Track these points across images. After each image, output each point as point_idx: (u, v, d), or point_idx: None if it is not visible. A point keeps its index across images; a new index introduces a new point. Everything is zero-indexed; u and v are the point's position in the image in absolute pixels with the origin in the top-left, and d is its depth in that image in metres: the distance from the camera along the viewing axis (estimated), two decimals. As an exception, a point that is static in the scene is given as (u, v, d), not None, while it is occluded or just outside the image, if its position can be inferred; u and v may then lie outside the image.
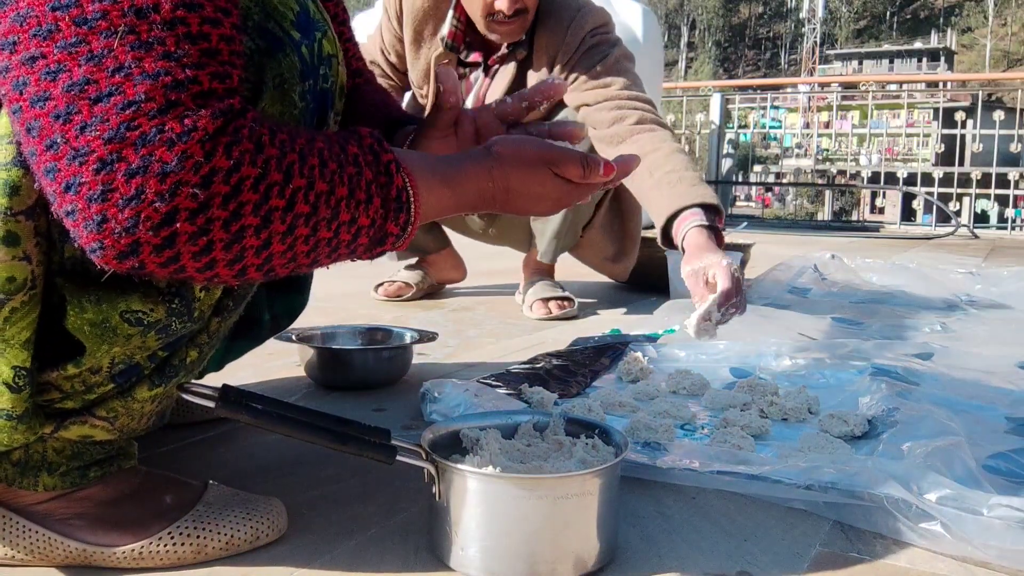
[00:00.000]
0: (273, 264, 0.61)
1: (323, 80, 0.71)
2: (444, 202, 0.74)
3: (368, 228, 0.66)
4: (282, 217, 0.59)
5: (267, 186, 0.58)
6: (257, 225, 0.58)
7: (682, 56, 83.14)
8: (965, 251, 3.77)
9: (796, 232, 5.16)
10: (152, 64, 0.54)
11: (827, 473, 0.89)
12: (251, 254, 0.59)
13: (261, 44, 0.65)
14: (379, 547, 0.79)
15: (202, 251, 0.56)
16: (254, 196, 0.57)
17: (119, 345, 0.65)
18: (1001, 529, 0.77)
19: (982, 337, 1.72)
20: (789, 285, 2.34)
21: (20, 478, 0.72)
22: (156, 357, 0.70)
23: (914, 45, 68.58)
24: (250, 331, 1.01)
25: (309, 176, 0.60)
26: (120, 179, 0.53)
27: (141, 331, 0.65)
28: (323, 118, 0.73)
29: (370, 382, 1.36)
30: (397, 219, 0.68)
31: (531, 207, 0.80)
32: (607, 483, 0.74)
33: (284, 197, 0.59)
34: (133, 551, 0.73)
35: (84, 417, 0.69)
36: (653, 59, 4.75)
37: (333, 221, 0.62)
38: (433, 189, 0.72)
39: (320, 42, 0.70)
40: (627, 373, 1.37)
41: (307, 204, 0.60)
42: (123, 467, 0.76)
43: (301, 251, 0.62)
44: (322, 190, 0.61)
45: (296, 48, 0.67)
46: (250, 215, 0.57)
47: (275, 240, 0.59)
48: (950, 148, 6.70)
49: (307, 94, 0.69)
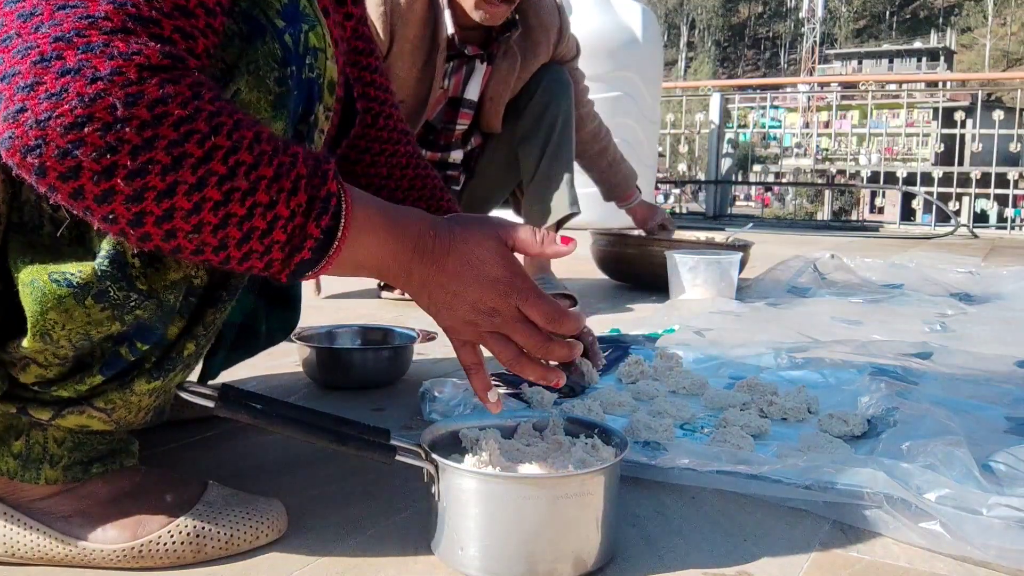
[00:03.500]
0: (176, 224, 0.58)
1: (308, 69, 0.70)
2: (379, 238, 0.70)
3: (287, 222, 0.62)
4: (194, 167, 0.57)
5: (188, 131, 0.57)
6: (166, 164, 0.56)
7: (681, 56, 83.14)
8: (965, 251, 3.77)
9: (796, 232, 5.16)
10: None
11: (827, 473, 0.89)
12: (152, 197, 0.57)
13: (243, 28, 0.66)
14: (379, 547, 0.79)
15: (104, 172, 0.55)
16: (172, 134, 0.56)
17: (55, 311, 0.64)
18: (1000, 528, 0.77)
19: (982, 337, 1.72)
20: (789, 285, 2.34)
21: (22, 471, 0.72)
22: (137, 349, 0.68)
23: (914, 45, 68.61)
24: (247, 342, 1.03)
25: (236, 142, 0.59)
26: (51, 75, 0.53)
27: (73, 294, 0.64)
28: (309, 109, 0.72)
29: (370, 382, 1.36)
30: (320, 221, 0.64)
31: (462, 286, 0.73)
32: (607, 483, 0.74)
33: (202, 148, 0.57)
34: (133, 549, 0.73)
35: (82, 407, 0.69)
36: (652, 59, 4.75)
37: (248, 197, 0.60)
38: (370, 217, 0.69)
39: (306, 34, 0.70)
40: (627, 375, 1.37)
41: (224, 165, 0.58)
42: (125, 465, 0.76)
43: (208, 220, 0.59)
44: (245, 160, 0.59)
45: (278, 36, 0.67)
46: (162, 151, 0.56)
47: (180, 191, 0.57)
48: (950, 148, 6.71)
49: (288, 80, 0.68)
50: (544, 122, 2.04)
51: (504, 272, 0.73)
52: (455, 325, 0.76)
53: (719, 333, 1.67)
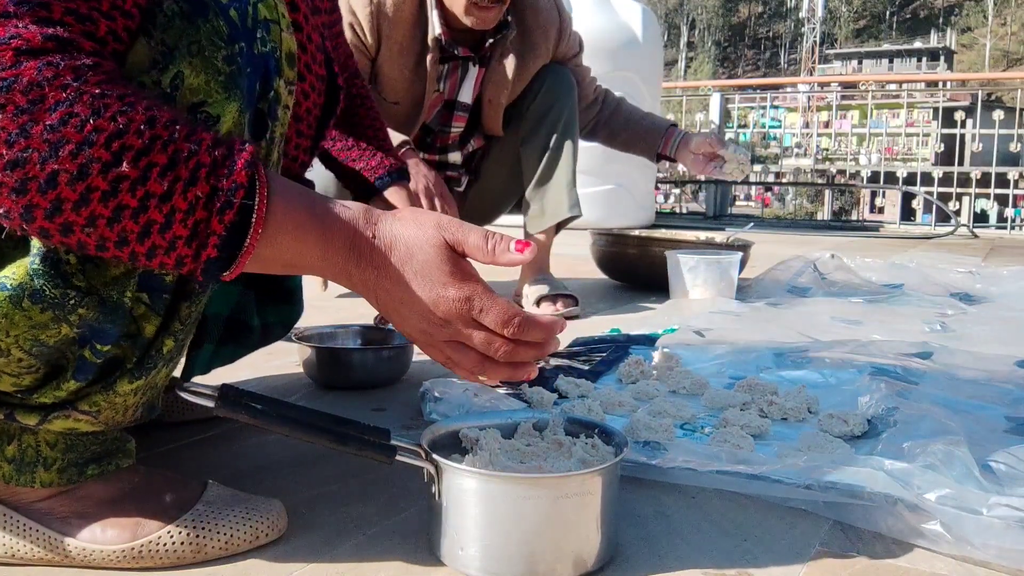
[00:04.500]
0: (68, 217, 0.56)
1: (260, 44, 0.67)
2: (305, 238, 0.64)
3: (185, 215, 0.58)
4: (73, 153, 0.54)
5: (67, 114, 0.54)
6: (44, 153, 0.54)
7: (682, 56, 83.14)
8: (965, 251, 3.77)
9: (796, 232, 5.16)
10: None
11: (827, 473, 0.89)
12: (35, 188, 0.54)
13: (184, 7, 0.63)
14: (379, 547, 0.79)
15: None
16: (48, 118, 0.54)
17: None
18: (1000, 528, 0.77)
19: (982, 337, 1.72)
20: (789, 284, 2.34)
21: (17, 475, 0.72)
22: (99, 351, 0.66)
23: (914, 45, 68.60)
24: (239, 335, 1.00)
25: (122, 126, 0.55)
26: None
27: (9, 298, 0.61)
28: (267, 85, 0.68)
29: (370, 382, 1.36)
30: (223, 216, 0.59)
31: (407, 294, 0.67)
32: (607, 483, 0.74)
33: (81, 132, 0.54)
34: (132, 550, 0.73)
35: (67, 411, 0.68)
36: (652, 59, 4.75)
37: (139, 186, 0.56)
38: (292, 212, 0.63)
39: (255, 6, 0.67)
40: (627, 375, 1.37)
41: (107, 151, 0.55)
42: (121, 466, 0.76)
43: (100, 213, 0.56)
44: (132, 144, 0.56)
45: (222, 11, 0.64)
46: (38, 138, 0.54)
47: (63, 179, 0.54)
48: (950, 148, 6.71)
49: (237, 57, 0.64)
50: (545, 124, 2.03)
51: (451, 279, 0.67)
52: (409, 333, 0.71)
53: (719, 333, 1.67)
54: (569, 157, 2.04)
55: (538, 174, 2.05)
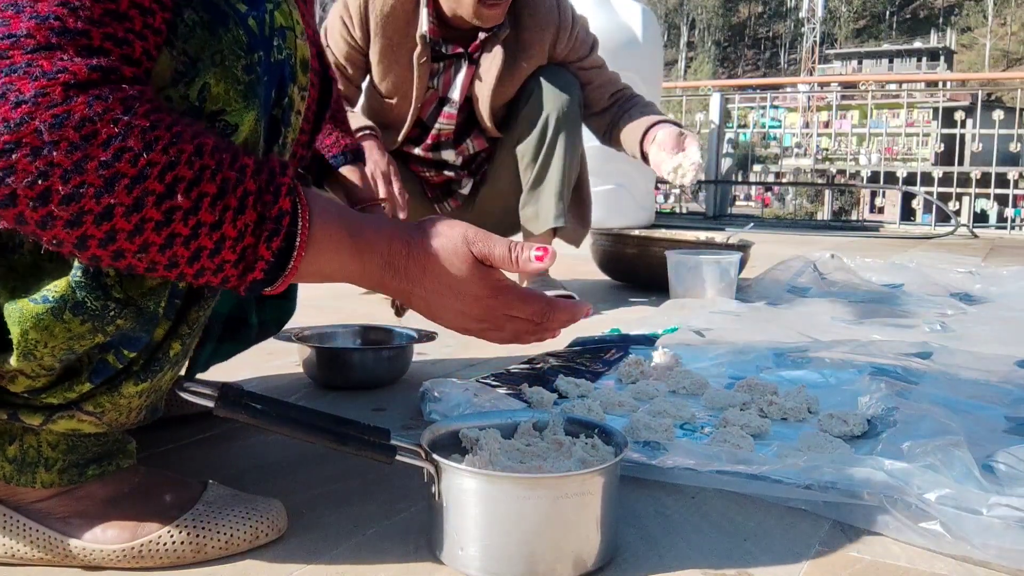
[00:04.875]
0: (122, 245, 0.57)
1: (277, 51, 0.68)
2: (343, 257, 0.68)
3: (235, 242, 0.61)
4: (128, 187, 0.55)
5: (120, 148, 0.55)
6: (99, 187, 0.55)
7: (681, 56, 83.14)
8: (965, 251, 3.77)
9: (795, 232, 5.16)
10: (46, 7, 0.54)
11: (827, 473, 0.89)
12: (91, 220, 0.56)
13: (204, 17, 0.63)
14: (379, 547, 0.79)
15: (39, 198, 0.54)
16: (102, 153, 0.54)
17: (34, 330, 0.63)
18: (1000, 528, 0.77)
19: (982, 337, 1.72)
20: (788, 284, 2.34)
21: (18, 475, 0.72)
22: (124, 356, 0.67)
23: (913, 45, 68.62)
24: (237, 333, 1.01)
25: (174, 157, 0.57)
26: None
27: (51, 310, 0.62)
28: (282, 92, 0.70)
29: (370, 382, 1.36)
30: (271, 243, 0.62)
31: (446, 300, 0.73)
32: (607, 483, 0.74)
33: (136, 166, 0.55)
34: (132, 550, 0.73)
35: (72, 411, 0.68)
36: (652, 59, 4.75)
37: (191, 216, 0.58)
38: (332, 235, 0.67)
39: (272, 13, 0.67)
40: (627, 375, 1.37)
41: (161, 183, 0.56)
42: (122, 466, 0.76)
43: (153, 241, 0.58)
44: (184, 176, 0.57)
45: (242, 20, 0.64)
46: (93, 173, 0.54)
47: (118, 212, 0.56)
48: (949, 148, 6.70)
49: (256, 66, 0.65)
50: (536, 127, 1.99)
51: (484, 290, 0.73)
52: (445, 326, 0.77)
53: (719, 333, 1.67)
54: (560, 164, 1.99)
55: (530, 179, 2.03)
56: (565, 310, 0.76)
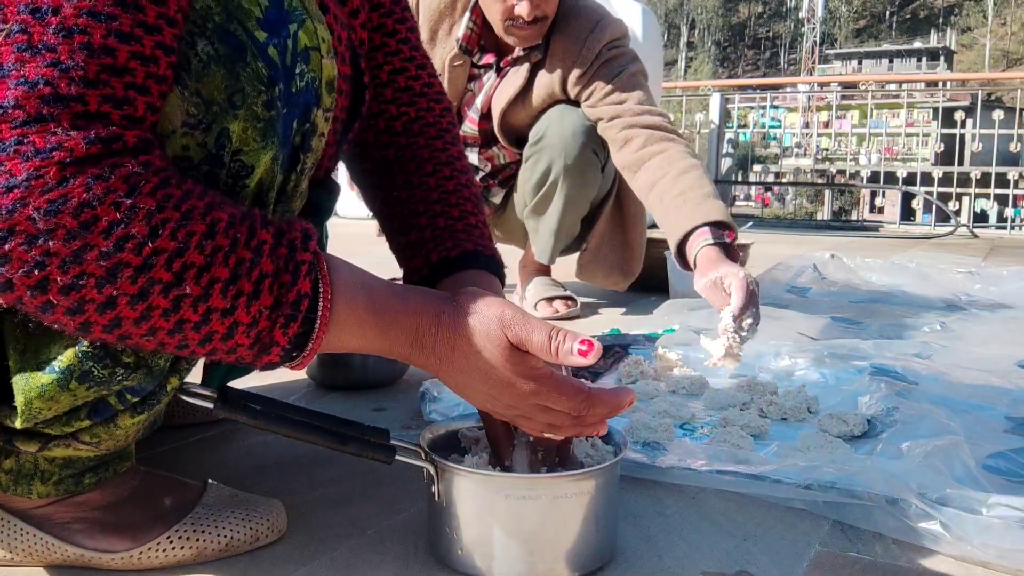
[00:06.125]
0: (126, 330, 0.54)
1: (299, 79, 0.63)
2: (366, 334, 0.64)
3: (248, 328, 0.57)
4: (132, 277, 0.52)
5: (123, 236, 0.51)
6: (100, 277, 0.51)
7: (681, 56, 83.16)
8: (964, 251, 3.76)
9: (795, 232, 5.16)
10: (34, 70, 0.49)
11: (827, 473, 0.89)
12: (92, 309, 0.52)
13: (221, 50, 0.58)
14: (378, 547, 0.79)
15: (37, 287, 0.51)
16: (103, 242, 0.50)
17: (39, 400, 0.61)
18: (1000, 529, 0.77)
19: (982, 337, 1.72)
20: (788, 285, 2.34)
21: (14, 486, 0.71)
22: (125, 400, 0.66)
23: (913, 45, 68.62)
24: None
25: (183, 242, 0.53)
26: None
27: (56, 380, 0.60)
28: (305, 119, 0.66)
29: (370, 382, 1.36)
30: (287, 328, 0.58)
31: (476, 382, 0.66)
32: (606, 483, 0.74)
33: (140, 255, 0.51)
34: (132, 556, 0.73)
35: (68, 441, 0.66)
36: (653, 59, 4.75)
37: (201, 303, 0.54)
38: (356, 314, 0.62)
39: (295, 35, 0.62)
40: (627, 375, 1.37)
41: (168, 271, 0.53)
42: (119, 471, 0.75)
43: (160, 326, 0.54)
44: (194, 262, 0.53)
45: (261, 52, 0.60)
46: (93, 263, 0.51)
47: (122, 302, 0.52)
48: (949, 148, 6.70)
49: (276, 101, 0.61)
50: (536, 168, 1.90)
51: (516, 377, 0.65)
52: (475, 406, 0.71)
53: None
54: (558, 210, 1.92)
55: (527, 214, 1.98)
56: (606, 403, 0.68)
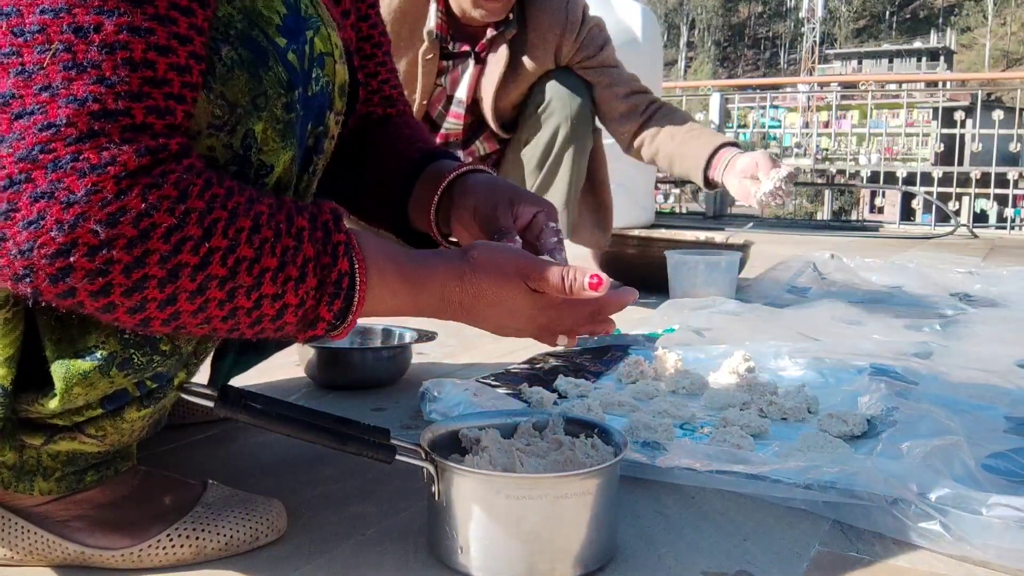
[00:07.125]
0: (183, 322, 0.58)
1: (315, 83, 0.67)
2: (399, 300, 0.70)
3: (296, 308, 0.62)
4: (191, 275, 0.56)
5: (181, 239, 0.55)
6: (162, 278, 0.55)
7: (681, 56, 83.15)
8: (964, 251, 3.76)
9: (795, 232, 5.16)
10: (82, 88, 0.52)
11: (827, 473, 0.89)
12: (154, 307, 0.56)
13: (244, 55, 0.61)
14: (379, 547, 0.79)
15: (100, 291, 0.54)
16: (163, 247, 0.54)
17: (80, 386, 0.63)
18: (1000, 528, 0.77)
19: (982, 337, 1.72)
20: (788, 285, 2.34)
21: (16, 482, 0.71)
22: (144, 386, 0.68)
23: (913, 45, 68.63)
24: (258, 344, 1.00)
25: (233, 238, 0.57)
26: (25, 200, 0.51)
27: (98, 367, 0.63)
28: (319, 122, 0.70)
29: (369, 382, 1.36)
30: (332, 305, 0.63)
31: (502, 321, 0.75)
32: (606, 483, 0.74)
33: (198, 254, 0.56)
34: (132, 554, 0.73)
35: (74, 434, 0.68)
36: (652, 58, 4.75)
37: (254, 291, 0.59)
38: (388, 283, 0.68)
39: (311, 41, 0.66)
40: (627, 375, 1.37)
41: (224, 267, 0.57)
42: (120, 470, 0.76)
43: (215, 315, 0.59)
44: (246, 255, 0.58)
45: (281, 57, 0.63)
46: (155, 266, 0.54)
47: (182, 298, 0.56)
48: (949, 148, 6.71)
49: (296, 104, 0.65)
50: (542, 136, 1.95)
51: (537, 313, 0.74)
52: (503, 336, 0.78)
53: (719, 333, 1.67)
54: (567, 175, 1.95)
55: (535, 187, 2.01)
56: (614, 302, 0.77)
